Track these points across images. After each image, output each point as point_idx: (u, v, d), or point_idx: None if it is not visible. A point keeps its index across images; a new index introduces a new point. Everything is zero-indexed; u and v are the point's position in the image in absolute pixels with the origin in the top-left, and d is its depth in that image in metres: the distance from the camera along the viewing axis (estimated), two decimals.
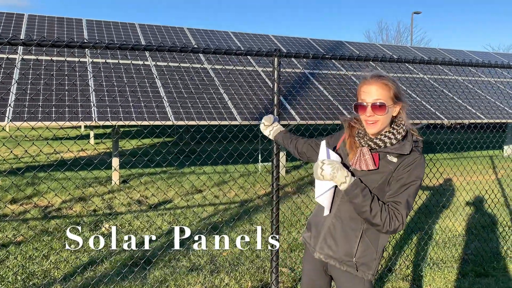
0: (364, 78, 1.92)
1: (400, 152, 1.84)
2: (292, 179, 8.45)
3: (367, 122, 1.88)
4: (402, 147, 1.85)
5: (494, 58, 14.39)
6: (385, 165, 1.87)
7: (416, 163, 1.85)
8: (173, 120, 6.84)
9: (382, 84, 1.86)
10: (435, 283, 3.75)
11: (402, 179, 1.83)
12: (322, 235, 2.01)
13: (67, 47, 2.50)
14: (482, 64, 3.79)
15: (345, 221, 1.95)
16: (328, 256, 1.99)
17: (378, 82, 1.86)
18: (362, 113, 1.88)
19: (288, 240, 4.73)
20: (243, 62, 9.68)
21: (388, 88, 1.86)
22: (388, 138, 1.87)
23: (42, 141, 15.21)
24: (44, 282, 3.61)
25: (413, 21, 30.58)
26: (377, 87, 1.86)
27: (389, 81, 1.88)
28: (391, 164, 1.86)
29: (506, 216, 5.90)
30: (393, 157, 1.86)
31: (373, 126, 1.86)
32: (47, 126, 4.12)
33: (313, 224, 2.09)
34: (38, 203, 6.24)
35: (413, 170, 1.83)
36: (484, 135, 15.73)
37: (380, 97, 1.85)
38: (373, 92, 1.85)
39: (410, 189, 1.82)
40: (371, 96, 1.85)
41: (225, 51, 2.77)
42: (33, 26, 9.13)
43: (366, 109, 1.86)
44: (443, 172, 8.88)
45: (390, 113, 1.88)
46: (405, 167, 1.84)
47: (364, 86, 1.89)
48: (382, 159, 1.88)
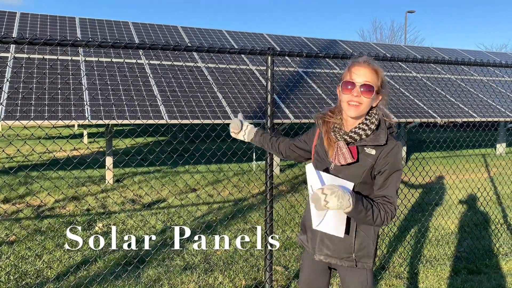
0: (355, 59, 1.92)
1: (376, 143, 1.86)
2: (286, 177, 8.46)
3: (350, 103, 1.85)
4: (377, 137, 1.86)
5: (487, 57, 14.48)
6: (364, 159, 1.88)
7: (395, 151, 1.87)
8: (166, 118, 6.82)
9: (373, 70, 1.87)
10: (428, 280, 3.77)
11: (385, 172, 1.86)
12: (318, 237, 2.02)
13: (60, 45, 2.48)
14: (475, 63, 3.81)
15: None
16: (327, 256, 2.00)
17: (370, 66, 1.88)
18: (348, 93, 1.86)
19: (282, 239, 4.74)
20: (237, 60, 9.67)
21: (377, 75, 1.88)
22: (363, 130, 1.87)
23: (34, 140, 15.12)
24: (37, 281, 3.59)
25: (407, 20, 30.71)
26: (368, 70, 1.87)
27: (379, 69, 1.90)
28: (370, 157, 1.87)
29: (499, 214, 5.94)
30: (371, 149, 1.88)
31: (356, 109, 1.85)
32: (40, 125, 4.10)
33: (307, 226, 2.08)
34: (31, 202, 6.20)
35: (394, 159, 1.86)
36: (477, 134, 15.84)
37: (370, 80, 1.85)
38: (364, 73, 1.86)
39: (395, 177, 1.86)
40: (361, 77, 1.85)
41: (219, 50, 2.76)
42: (26, 24, 9.07)
43: (353, 89, 1.84)
44: (436, 170, 8.93)
45: (373, 100, 1.89)
46: (384, 157, 1.86)
47: (356, 67, 1.88)
48: (361, 153, 1.89)
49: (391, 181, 1.86)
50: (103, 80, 7.60)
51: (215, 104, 7.61)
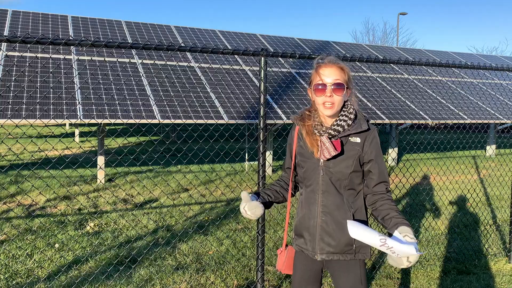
0: (320, 61, 1.99)
1: (360, 130, 1.97)
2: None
3: (325, 104, 1.93)
4: (359, 125, 1.98)
5: (478, 59, 14.63)
6: (351, 148, 1.97)
7: (376, 134, 2.01)
8: (159, 118, 6.81)
9: (338, 67, 1.96)
10: (418, 280, 3.81)
11: (377, 157, 1.99)
12: (318, 236, 2.02)
13: (52, 44, 2.48)
14: (466, 66, 3.86)
15: (333, 214, 1.98)
16: (329, 253, 2.02)
17: (335, 65, 1.96)
18: (321, 94, 1.93)
19: (274, 239, 4.76)
20: (230, 61, 9.68)
21: (344, 72, 1.97)
22: (344, 121, 1.96)
23: (26, 139, 15.00)
24: (28, 281, 3.58)
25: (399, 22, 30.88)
26: (335, 68, 1.95)
27: (344, 66, 1.99)
28: (356, 145, 1.98)
29: (488, 215, 6.01)
30: (355, 137, 1.98)
31: (331, 108, 1.93)
32: (31, 124, 4.08)
33: (303, 229, 2.08)
34: (22, 201, 6.16)
35: (378, 142, 2.01)
36: (467, 135, 15.98)
37: (339, 78, 1.94)
38: (332, 73, 1.94)
39: (382, 157, 2.01)
40: (331, 77, 1.93)
41: (212, 50, 2.78)
42: (17, 22, 9.00)
43: (325, 90, 1.92)
44: (426, 172, 9.01)
45: (345, 96, 1.98)
46: (370, 142, 1.98)
47: (323, 69, 1.96)
48: (347, 143, 1.98)
49: (382, 164, 1.99)
50: (95, 79, 7.57)
51: (208, 104, 7.62)
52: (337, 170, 1.95)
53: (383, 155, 2.09)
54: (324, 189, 1.99)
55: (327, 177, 1.98)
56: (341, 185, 1.98)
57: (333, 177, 1.97)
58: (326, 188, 1.98)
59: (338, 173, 1.96)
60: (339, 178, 1.96)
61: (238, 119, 7.30)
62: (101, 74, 7.78)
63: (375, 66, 11.52)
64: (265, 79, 2.91)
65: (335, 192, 1.98)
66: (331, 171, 1.96)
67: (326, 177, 1.98)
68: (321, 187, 1.99)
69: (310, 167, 2.02)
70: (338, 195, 1.98)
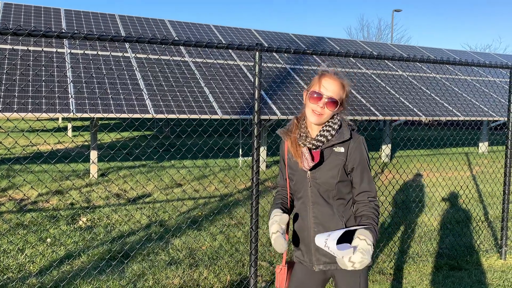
0: (326, 71, 2.00)
1: (342, 140, 1.97)
2: (272, 173, 8.48)
3: (315, 111, 1.95)
4: (342, 135, 1.98)
5: (471, 57, 14.68)
6: (335, 158, 1.97)
7: (360, 143, 2.00)
8: (152, 113, 6.78)
9: (340, 84, 1.98)
10: (410, 276, 3.83)
11: (359, 166, 1.97)
12: (313, 248, 2.03)
13: (44, 36, 2.44)
14: (460, 63, 3.86)
15: (325, 223, 1.99)
16: (326, 263, 2.02)
17: (338, 80, 1.98)
18: (315, 102, 1.95)
19: (268, 234, 4.76)
20: (224, 55, 9.64)
21: (343, 90, 1.98)
22: (327, 131, 1.97)
23: (17, 133, 14.89)
24: (19, 276, 3.55)
25: (393, 18, 30.93)
26: (336, 84, 1.96)
27: (346, 84, 2.00)
28: (340, 154, 1.97)
29: (480, 211, 6.05)
30: (339, 147, 1.98)
31: (319, 117, 1.95)
32: (23, 118, 4.04)
33: (300, 241, 2.08)
34: (14, 196, 6.11)
35: (362, 150, 1.99)
36: (460, 132, 16.07)
37: (336, 95, 1.95)
38: (332, 88, 1.95)
39: (366, 166, 1.99)
40: (329, 91, 1.95)
41: (206, 44, 2.75)
42: (9, 14, 8.90)
43: (320, 100, 1.94)
44: (419, 168, 9.05)
45: (336, 111, 1.99)
46: (354, 151, 1.98)
47: (326, 80, 1.97)
48: (331, 154, 1.98)
49: (365, 173, 1.98)
50: (88, 73, 7.51)
51: (202, 99, 7.58)
52: (323, 181, 1.96)
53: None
54: (314, 201, 2.00)
55: (315, 188, 1.99)
56: (329, 196, 1.98)
57: (320, 188, 1.98)
58: (316, 200, 1.99)
59: (325, 184, 1.96)
60: (326, 189, 1.97)
61: (232, 114, 7.28)
62: (94, 68, 7.71)
63: (370, 62, 11.53)
64: (260, 74, 2.89)
65: (324, 203, 1.98)
66: (318, 182, 1.97)
67: (314, 188, 1.99)
68: (310, 199, 2.00)
69: (299, 180, 2.03)
70: (327, 206, 1.98)
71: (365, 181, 1.99)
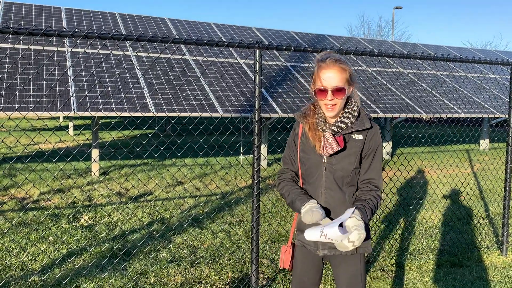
0: (321, 61, 1.95)
1: (363, 128, 1.98)
2: (273, 171, 8.49)
3: (327, 106, 1.94)
4: (362, 123, 1.99)
5: (472, 53, 14.66)
6: (353, 145, 1.99)
7: (378, 132, 2.03)
8: (153, 111, 6.78)
9: (340, 68, 1.93)
10: (411, 273, 3.84)
11: (372, 153, 1.99)
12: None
13: (45, 35, 2.45)
14: (460, 60, 3.86)
15: (336, 208, 1.99)
16: (331, 248, 2.02)
17: (336, 66, 1.93)
18: (323, 98, 1.93)
19: (269, 232, 4.77)
20: (225, 54, 9.64)
21: (345, 72, 1.94)
22: (348, 118, 1.98)
23: (19, 132, 14.92)
24: (21, 274, 3.57)
25: (394, 16, 30.88)
26: (335, 71, 1.92)
27: (345, 65, 1.96)
28: (358, 141, 1.99)
29: (481, 208, 6.05)
30: (358, 134, 1.99)
31: (333, 109, 1.94)
32: (25, 116, 4.05)
33: (306, 225, 2.06)
34: (15, 194, 6.13)
35: (377, 139, 2.02)
36: (461, 129, 16.06)
37: (339, 82, 1.92)
38: (333, 77, 1.91)
39: (378, 156, 2.01)
40: (331, 82, 1.91)
41: (207, 42, 2.76)
42: (10, 13, 8.91)
43: (327, 94, 1.92)
44: (420, 165, 9.05)
45: (347, 94, 1.97)
46: (370, 140, 1.99)
47: (323, 72, 1.93)
48: (349, 140, 1.99)
49: (376, 162, 2.00)
50: (89, 71, 7.52)
51: (203, 97, 7.59)
52: (341, 167, 1.96)
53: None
54: (327, 186, 1.99)
55: (330, 174, 1.98)
56: (343, 182, 1.99)
57: (336, 173, 1.98)
58: (329, 185, 1.99)
59: (342, 170, 1.97)
60: (342, 175, 1.97)
61: (232, 112, 7.29)
62: (95, 66, 7.72)
63: (370, 59, 11.51)
64: (260, 72, 2.89)
65: (338, 189, 1.99)
66: (334, 168, 1.97)
67: (329, 174, 1.98)
68: (324, 184, 2.00)
69: (313, 164, 2.01)
70: (340, 192, 1.99)
71: (374, 170, 2.00)
